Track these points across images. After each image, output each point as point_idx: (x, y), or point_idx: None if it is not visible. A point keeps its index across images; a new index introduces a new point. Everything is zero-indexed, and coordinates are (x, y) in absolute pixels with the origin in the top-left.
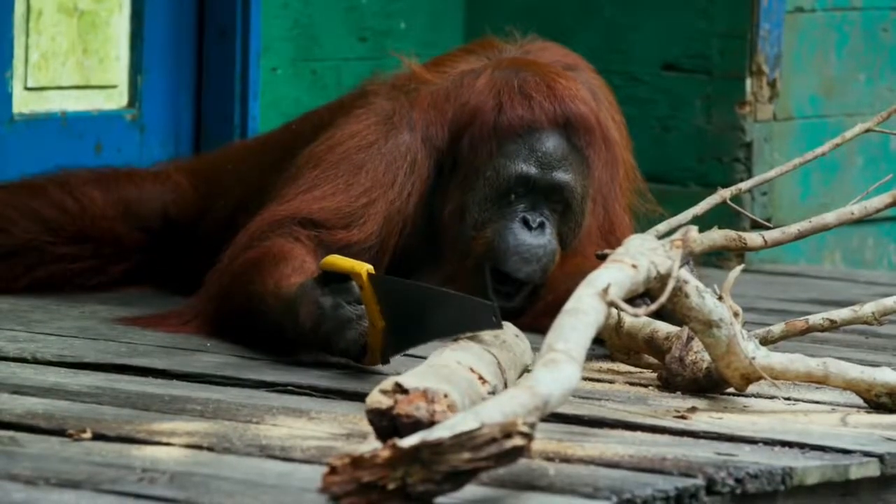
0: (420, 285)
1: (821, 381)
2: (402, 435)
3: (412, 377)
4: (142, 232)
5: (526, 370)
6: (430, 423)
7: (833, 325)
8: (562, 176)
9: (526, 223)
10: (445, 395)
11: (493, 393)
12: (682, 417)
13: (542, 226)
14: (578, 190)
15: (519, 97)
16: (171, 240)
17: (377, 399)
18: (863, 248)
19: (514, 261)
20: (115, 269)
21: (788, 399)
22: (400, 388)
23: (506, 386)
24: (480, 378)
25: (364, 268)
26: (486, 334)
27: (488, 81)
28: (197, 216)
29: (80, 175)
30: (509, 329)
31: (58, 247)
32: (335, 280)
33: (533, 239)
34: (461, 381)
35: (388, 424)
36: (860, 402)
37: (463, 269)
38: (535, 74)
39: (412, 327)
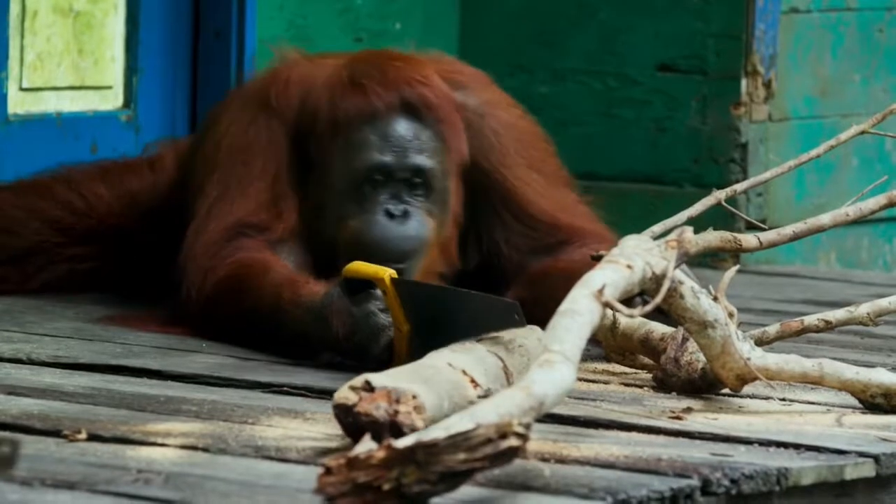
0: (442, 287)
1: (816, 382)
2: (364, 432)
3: (386, 376)
4: (148, 223)
5: None
6: (391, 424)
7: (828, 326)
8: (418, 158)
9: (389, 214)
10: (414, 396)
11: (485, 396)
12: (678, 418)
13: (406, 214)
14: (438, 168)
15: (350, 87)
16: (170, 229)
17: (344, 395)
18: (858, 249)
19: (382, 254)
20: (126, 264)
21: (784, 400)
22: (368, 386)
23: None
24: (473, 381)
25: (387, 273)
26: (504, 336)
27: (326, 80)
28: (180, 204)
29: (84, 171)
30: (533, 333)
31: (68, 247)
32: (358, 285)
33: (399, 229)
34: (442, 383)
35: (352, 421)
36: (855, 402)
37: (333, 264)
38: (368, 63)
39: (436, 329)
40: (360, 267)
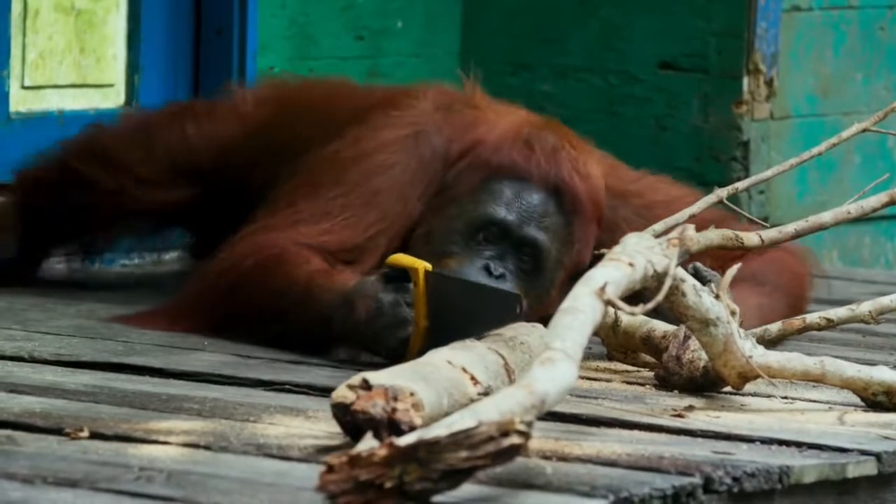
0: (465, 281)
1: (818, 380)
2: (363, 431)
3: (385, 374)
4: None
5: None
6: (389, 421)
7: (830, 324)
8: (537, 233)
9: (488, 270)
10: (411, 394)
11: (485, 393)
12: (680, 416)
13: (502, 277)
14: (553, 253)
15: (521, 145)
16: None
17: (342, 394)
18: (860, 247)
19: None
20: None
21: (785, 398)
22: (366, 384)
23: None
24: (473, 378)
25: (422, 265)
26: (506, 334)
27: (510, 126)
28: (260, 149)
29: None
30: (535, 330)
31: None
32: (395, 276)
33: None
34: (441, 381)
35: (350, 419)
36: (857, 400)
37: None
38: (550, 133)
39: (453, 327)
40: (400, 258)
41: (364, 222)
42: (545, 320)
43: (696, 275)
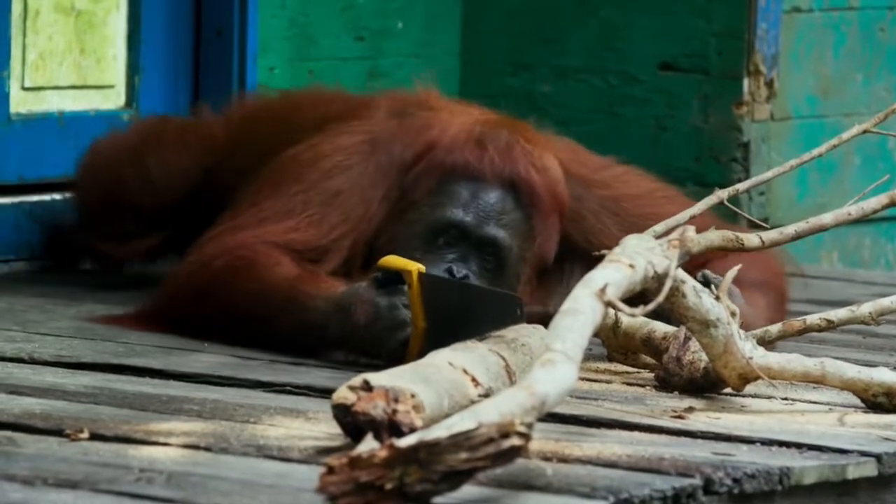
0: (462, 283)
1: (818, 381)
2: (363, 432)
3: (386, 375)
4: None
5: None
6: (390, 423)
7: (830, 325)
8: (496, 231)
9: (451, 272)
10: (412, 395)
11: (486, 395)
12: (680, 417)
13: (465, 278)
14: (514, 250)
15: (473, 144)
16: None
17: (343, 395)
18: (860, 248)
19: None
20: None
21: (786, 399)
22: (366, 385)
23: None
24: (473, 380)
25: (416, 267)
26: (507, 335)
27: (463, 126)
28: (231, 172)
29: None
30: (536, 331)
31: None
32: (388, 279)
33: None
34: (442, 382)
35: (351, 420)
36: (857, 401)
37: None
38: (503, 129)
39: (450, 327)
40: (392, 260)
41: (327, 222)
42: (545, 321)
43: (705, 281)
